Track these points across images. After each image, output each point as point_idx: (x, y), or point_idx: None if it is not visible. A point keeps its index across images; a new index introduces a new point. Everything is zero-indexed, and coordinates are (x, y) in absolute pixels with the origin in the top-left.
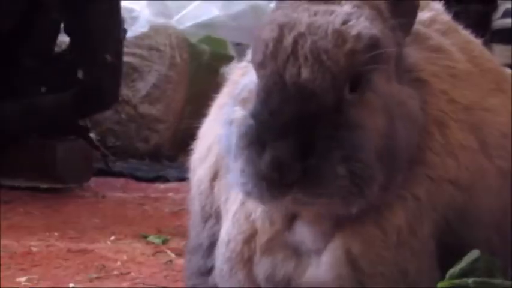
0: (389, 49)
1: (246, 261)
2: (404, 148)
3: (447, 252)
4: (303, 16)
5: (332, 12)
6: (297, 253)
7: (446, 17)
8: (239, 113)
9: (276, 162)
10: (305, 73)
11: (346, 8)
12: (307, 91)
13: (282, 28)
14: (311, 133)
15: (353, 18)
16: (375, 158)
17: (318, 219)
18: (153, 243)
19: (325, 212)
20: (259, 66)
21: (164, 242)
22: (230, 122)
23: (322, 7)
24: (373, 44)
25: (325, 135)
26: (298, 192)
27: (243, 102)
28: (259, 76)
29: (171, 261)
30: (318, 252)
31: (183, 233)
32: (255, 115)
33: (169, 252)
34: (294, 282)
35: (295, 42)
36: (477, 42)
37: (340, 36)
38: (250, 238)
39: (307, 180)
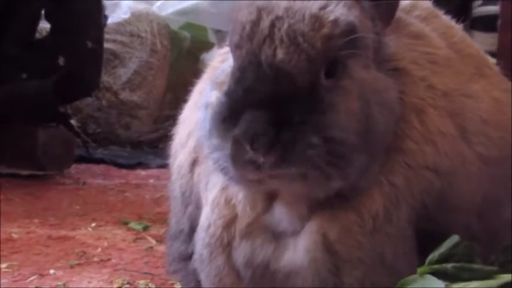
0: (367, 35)
1: (225, 246)
2: (381, 134)
3: (427, 238)
4: (281, 1)
5: None
6: (275, 237)
7: (427, 3)
8: (215, 95)
9: (249, 132)
10: (281, 54)
11: None
12: (282, 71)
13: (259, 11)
14: (284, 110)
15: (331, 4)
16: (352, 135)
17: (295, 199)
18: (134, 229)
19: (303, 190)
20: (236, 47)
21: (145, 228)
22: (206, 106)
23: None
24: (350, 30)
25: (299, 113)
26: (269, 163)
27: (220, 85)
28: (235, 57)
29: (151, 247)
30: (295, 234)
31: (163, 220)
32: (228, 93)
33: (150, 238)
34: (271, 267)
35: (272, 24)
36: (458, 28)
37: (317, 20)
38: (230, 223)
39: (278, 150)
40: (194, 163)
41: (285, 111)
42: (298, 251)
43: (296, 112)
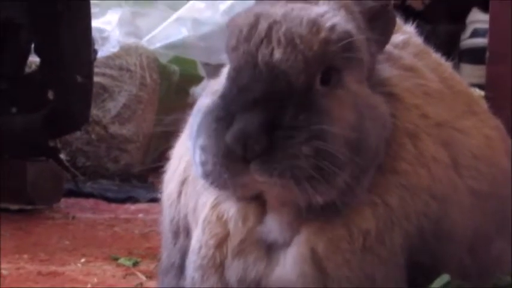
0: (362, 49)
1: (217, 266)
2: (372, 148)
3: (418, 272)
4: (279, 9)
5: (308, 9)
6: (267, 252)
7: (419, 40)
8: (207, 101)
9: (242, 133)
10: (278, 54)
11: (323, 7)
12: (278, 71)
13: (257, 16)
14: (279, 111)
15: (329, 13)
16: (344, 147)
17: (283, 208)
18: (124, 265)
19: (291, 197)
20: (232, 49)
21: (135, 264)
22: (198, 110)
23: (299, 5)
24: (346, 37)
25: (293, 114)
26: (258, 168)
27: (214, 93)
28: (231, 60)
29: (141, 283)
30: (286, 246)
31: (153, 255)
32: (223, 94)
33: (139, 274)
34: (263, 283)
35: (270, 27)
36: (448, 64)
37: (315, 25)
38: (222, 241)
39: (268, 156)
40: (183, 184)
41: (280, 113)
42: (287, 265)
43: (290, 115)
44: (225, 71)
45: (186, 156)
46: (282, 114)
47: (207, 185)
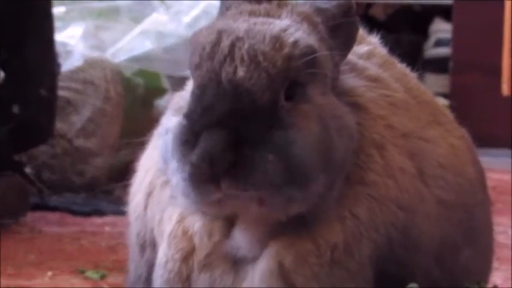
0: (325, 62)
1: (184, 280)
2: (340, 159)
3: (386, 281)
4: (242, 25)
5: (271, 23)
6: (235, 265)
7: (383, 51)
8: (174, 120)
9: (207, 153)
10: (241, 72)
11: (285, 21)
12: (242, 88)
13: (220, 33)
14: (244, 128)
15: (291, 28)
16: (311, 156)
17: (254, 224)
18: (91, 278)
19: (263, 212)
20: (196, 67)
21: (102, 277)
22: (167, 131)
23: (261, 19)
24: (310, 52)
25: (258, 130)
26: (229, 183)
27: (180, 110)
28: (194, 77)
29: None
30: (254, 260)
31: (120, 268)
32: (188, 113)
33: (107, 287)
34: None
35: (233, 44)
36: (413, 75)
37: (278, 41)
38: (188, 255)
39: (238, 170)
40: (148, 196)
41: (244, 129)
42: (255, 279)
43: (255, 130)
44: (189, 84)
45: (152, 169)
46: (246, 130)
47: (179, 201)
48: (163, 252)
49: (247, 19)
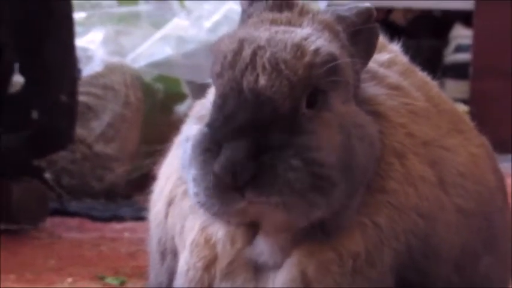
0: (347, 69)
1: None
2: (362, 168)
3: None
4: (263, 33)
5: (292, 32)
6: (256, 273)
7: (404, 59)
8: (195, 128)
9: (230, 162)
10: (263, 80)
11: (306, 29)
12: (264, 97)
13: (241, 41)
14: (266, 136)
15: (313, 36)
16: (334, 161)
17: (277, 231)
18: (111, 284)
19: (286, 219)
20: (217, 76)
21: (122, 283)
22: (187, 139)
23: (282, 28)
24: (331, 60)
25: (280, 137)
26: (253, 191)
27: (201, 119)
28: (216, 86)
29: None
30: (276, 268)
31: (140, 274)
32: (210, 123)
33: None
34: None
35: (254, 53)
36: (434, 83)
37: (299, 49)
38: (210, 264)
39: (261, 178)
40: (169, 205)
41: (266, 138)
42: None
43: (277, 138)
44: (211, 93)
45: (172, 176)
46: (268, 139)
47: (200, 210)
48: (184, 261)
49: (268, 28)
